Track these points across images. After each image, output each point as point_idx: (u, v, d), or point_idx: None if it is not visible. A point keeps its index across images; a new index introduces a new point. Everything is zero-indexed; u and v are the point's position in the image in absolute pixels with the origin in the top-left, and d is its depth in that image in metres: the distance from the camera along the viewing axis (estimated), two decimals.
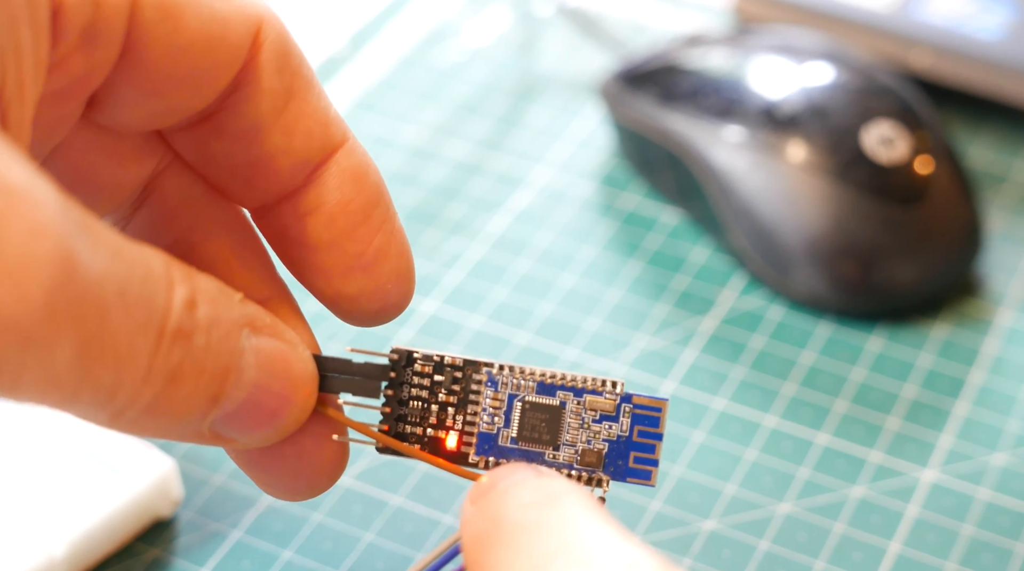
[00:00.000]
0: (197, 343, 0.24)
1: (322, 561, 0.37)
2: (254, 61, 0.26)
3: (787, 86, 0.46)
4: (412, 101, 0.53)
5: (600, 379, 0.28)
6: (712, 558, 0.37)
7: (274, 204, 0.28)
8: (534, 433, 0.28)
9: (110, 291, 0.22)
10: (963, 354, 0.43)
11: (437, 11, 0.57)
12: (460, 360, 0.29)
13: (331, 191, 0.28)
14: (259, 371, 0.26)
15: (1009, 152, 0.51)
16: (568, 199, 0.49)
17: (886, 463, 0.40)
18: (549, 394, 0.28)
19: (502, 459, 0.28)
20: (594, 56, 0.54)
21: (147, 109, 0.26)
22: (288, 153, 0.27)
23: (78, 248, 0.22)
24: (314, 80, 0.28)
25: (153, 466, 0.37)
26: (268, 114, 0.27)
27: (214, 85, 0.26)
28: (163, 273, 0.24)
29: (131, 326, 0.23)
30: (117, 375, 0.23)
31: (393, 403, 0.29)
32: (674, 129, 0.47)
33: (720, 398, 0.42)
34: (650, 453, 0.28)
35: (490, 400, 0.28)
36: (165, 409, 0.24)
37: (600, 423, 0.28)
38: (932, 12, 0.52)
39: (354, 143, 0.28)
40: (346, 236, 0.28)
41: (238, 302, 0.26)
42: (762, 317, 0.44)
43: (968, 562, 0.37)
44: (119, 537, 0.36)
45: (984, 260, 0.46)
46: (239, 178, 0.28)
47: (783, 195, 0.44)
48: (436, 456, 0.28)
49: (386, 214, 0.29)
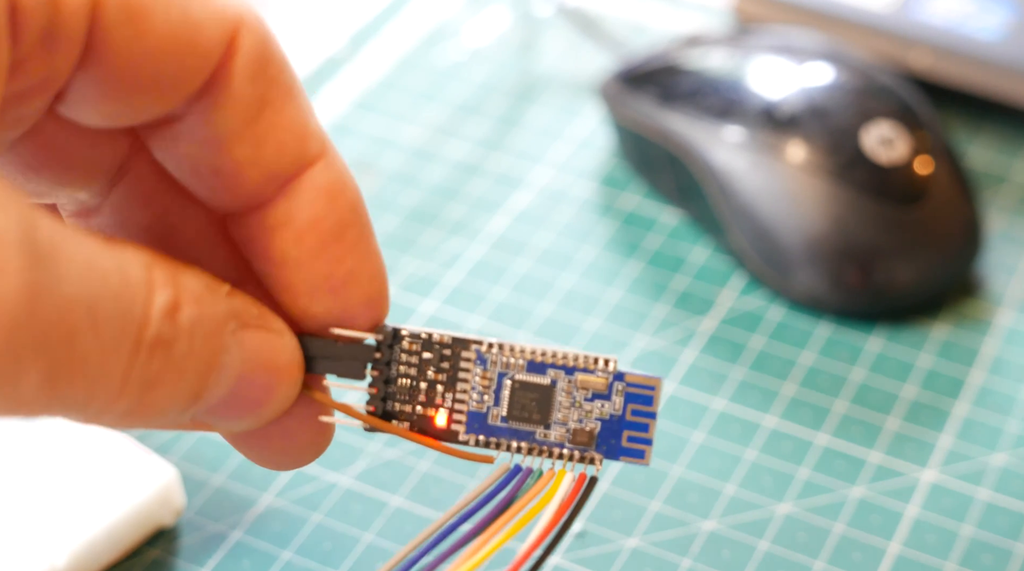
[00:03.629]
0: (178, 349, 0.24)
1: (322, 561, 0.37)
2: (227, 67, 0.25)
3: (787, 86, 0.46)
4: (412, 101, 0.53)
5: (592, 356, 0.28)
6: (712, 558, 0.37)
7: (242, 213, 0.27)
8: (524, 412, 0.28)
9: (79, 313, 0.22)
10: (963, 354, 0.43)
11: (437, 11, 0.57)
12: (448, 338, 0.28)
13: (302, 207, 0.27)
14: (243, 364, 0.26)
15: (1009, 152, 0.51)
16: (568, 199, 0.49)
17: (886, 463, 0.40)
18: (540, 372, 0.28)
19: (492, 437, 0.28)
20: (594, 56, 0.54)
21: (110, 110, 0.25)
22: (257, 164, 0.26)
23: (42, 278, 0.21)
24: (294, 89, 0.26)
25: (155, 476, 0.37)
26: (238, 123, 0.26)
27: (181, 90, 0.25)
28: (142, 279, 0.24)
29: (103, 344, 0.23)
30: (89, 391, 0.23)
31: (380, 383, 0.28)
32: (674, 129, 0.47)
33: (720, 398, 0.42)
34: (644, 432, 0.28)
35: (479, 378, 0.28)
36: (143, 412, 0.24)
37: (592, 402, 0.28)
38: (932, 12, 0.52)
39: (332, 158, 0.27)
40: (315, 255, 0.27)
41: (224, 296, 0.25)
42: (762, 317, 0.44)
43: (968, 562, 0.37)
44: (121, 547, 0.36)
45: (984, 260, 0.46)
46: (205, 184, 0.27)
47: (783, 195, 0.44)
48: (424, 435, 0.28)
49: (361, 234, 0.27)
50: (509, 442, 0.28)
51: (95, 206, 0.28)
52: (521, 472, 0.28)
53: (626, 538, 0.38)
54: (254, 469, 0.39)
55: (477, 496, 0.27)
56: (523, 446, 0.28)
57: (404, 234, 0.47)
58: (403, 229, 0.47)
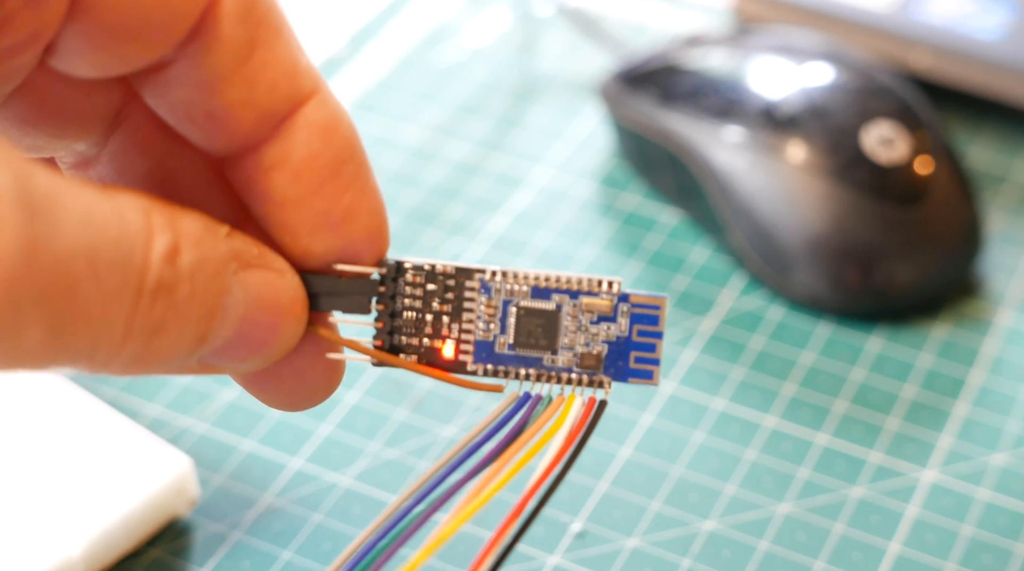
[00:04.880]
0: (180, 293, 0.24)
1: (322, 561, 0.37)
2: (214, 9, 0.25)
3: (787, 86, 0.46)
4: (412, 101, 0.53)
5: (596, 279, 0.27)
6: (712, 558, 0.37)
7: (238, 156, 0.27)
8: (531, 338, 0.27)
9: (79, 263, 0.22)
10: (963, 354, 0.43)
11: (437, 11, 0.57)
12: (452, 268, 0.28)
13: (297, 145, 0.26)
14: (247, 305, 0.25)
15: (1009, 152, 0.51)
16: (568, 199, 0.49)
17: (886, 463, 0.40)
18: (544, 298, 0.28)
19: (500, 366, 0.28)
20: (594, 56, 0.54)
21: (100, 60, 0.25)
22: (250, 105, 0.26)
23: (40, 230, 0.21)
24: (284, 28, 0.26)
25: (170, 465, 0.37)
26: (229, 65, 0.25)
27: (169, 36, 0.25)
28: (141, 225, 0.23)
29: (104, 293, 0.23)
30: (93, 341, 0.23)
31: (385, 317, 0.28)
32: (674, 129, 0.47)
33: (720, 398, 0.42)
34: (651, 352, 0.27)
35: (484, 307, 0.28)
36: (149, 358, 0.24)
37: (598, 324, 0.27)
38: (932, 12, 0.52)
39: (325, 95, 0.27)
40: (313, 193, 0.27)
41: (224, 237, 0.25)
42: (762, 317, 0.44)
43: (968, 562, 0.37)
44: (136, 537, 0.36)
45: (984, 260, 0.46)
46: (199, 128, 0.27)
47: (783, 195, 0.44)
48: (432, 367, 0.28)
49: (358, 171, 0.27)
50: (517, 370, 0.27)
51: (93, 156, 0.28)
52: (530, 400, 0.27)
53: (626, 538, 0.38)
54: (254, 469, 0.39)
55: (488, 425, 0.27)
56: (531, 373, 0.27)
57: (404, 234, 0.47)
58: (403, 229, 0.47)
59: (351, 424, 0.40)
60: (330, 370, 0.28)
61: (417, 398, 0.41)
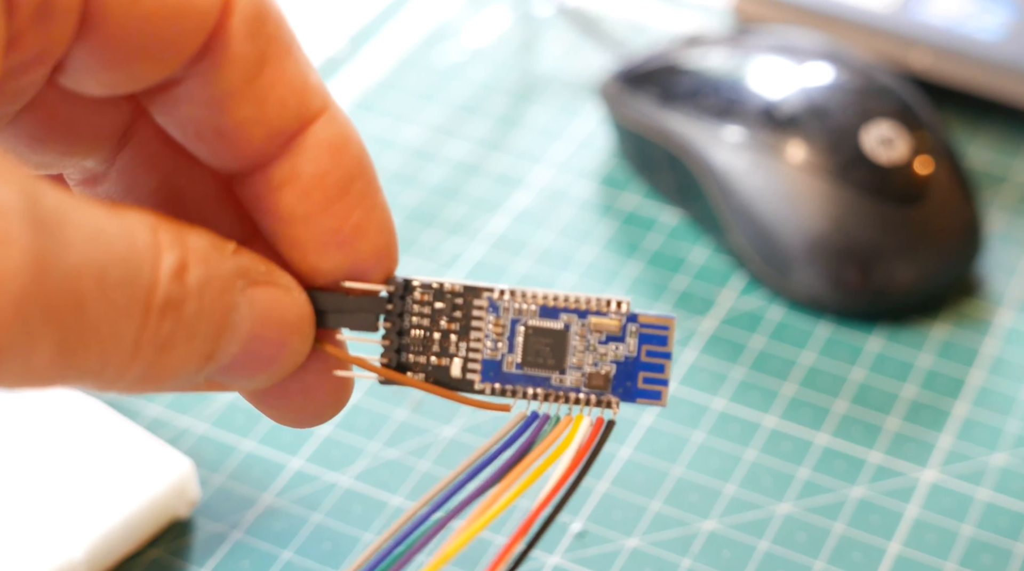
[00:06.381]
0: (188, 310, 0.24)
1: (322, 561, 0.37)
2: (224, 26, 0.25)
3: (787, 86, 0.46)
4: (412, 101, 0.53)
5: (604, 299, 0.27)
6: (712, 558, 0.37)
7: (247, 173, 0.27)
8: (539, 358, 0.27)
9: (88, 281, 0.22)
10: (963, 354, 0.43)
11: (437, 11, 0.57)
12: (460, 286, 0.28)
13: (306, 163, 0.26)
14: (254, 322, 0.25)
15: (1009, 152, 0.51)
16: (568, 199, 0.49)
17: (886, 463, 0.40)
18: (552, 317, 0.27)
19: (507, 385, 0.28)
20: (594, 56, 0.54)
21: (109, 78, 0.25)
22: (260, 123, 0.26)
23: (48, 247, 0.21)
24: (293, 45, 0.26)
25: (170, 467, 0.37)
26: (239, 82, 0.26)
27: (179, 54, 0.25)
28: (149, 242, 0.24)
29: (114, 310, 0.23)
30: (102, 358, 0.23)
31: (393, 334, 0.28)
32: (674, 129, 0.47)
33: (720, 398, 0.42)
34: (659, 373, 0.27)
35: (492, 326, 0.28)
36: (157, 375, 0.24)
37: (606, 344, 0.27)
38: (932, 12, 0.52)
39: (335, 112, 0.27)
40: (322, 210, 0.27)
41: (231, 254, 0.25)
42: (762, 317, 0.44)
43: (968, 562, 0.37)
44: (137, 538, 0.36)
45: (984, 260, 0.46)
46: (208, 145, 0.27)
47: (783, 195, 0.44)
48: (439, 386, 0.28)
49: (367, 188, 0.27)
50: (525, 389, 0.27)
51: (102, 173, 0.28)
52: (538, 419, 0.27)
53: (626, 538, 0.38)
54: (254, 469, 0.39)
55: (494, 444, 0.27)
56: (539, 392, 0.27)
57: (404, 234, 0.47)
58: (403, 229, 0.47)
59: (351, 424, 0.40)
60: (338, 387, 0.28)
61: (417, 398, 0.41)
